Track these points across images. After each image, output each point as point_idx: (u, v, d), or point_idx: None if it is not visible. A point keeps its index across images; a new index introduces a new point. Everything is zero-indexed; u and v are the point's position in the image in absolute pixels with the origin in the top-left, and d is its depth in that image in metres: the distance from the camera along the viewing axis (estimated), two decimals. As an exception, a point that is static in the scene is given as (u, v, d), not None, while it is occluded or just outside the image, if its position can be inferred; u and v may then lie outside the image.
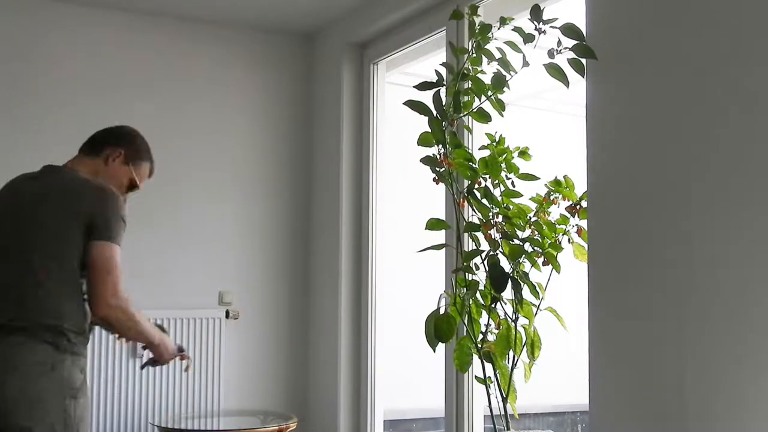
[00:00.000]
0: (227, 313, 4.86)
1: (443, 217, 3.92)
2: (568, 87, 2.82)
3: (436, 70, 3.06)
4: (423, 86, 3.04)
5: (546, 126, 6.63)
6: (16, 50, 4.60)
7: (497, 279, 2.93)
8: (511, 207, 3.02)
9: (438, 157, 3.04)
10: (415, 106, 2.99)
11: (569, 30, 2.78)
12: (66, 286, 2.79)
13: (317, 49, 5.22)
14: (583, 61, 2.82)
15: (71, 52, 4.72)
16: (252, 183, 5.10)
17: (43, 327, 2.71)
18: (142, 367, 3.25)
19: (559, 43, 2.81)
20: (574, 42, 2.79)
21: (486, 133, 3.09)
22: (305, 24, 5.08)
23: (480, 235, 3.04)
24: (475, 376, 3.26)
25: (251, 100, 5.15)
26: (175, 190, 4.92)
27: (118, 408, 4.52)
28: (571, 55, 2.80)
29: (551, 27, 2.83)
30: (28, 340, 2.69)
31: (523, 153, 3.08)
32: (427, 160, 3.05)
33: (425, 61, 4.70)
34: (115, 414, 4.51)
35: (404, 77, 5.20)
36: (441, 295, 3.17)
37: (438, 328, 2.97)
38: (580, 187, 3.00)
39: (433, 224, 3.12)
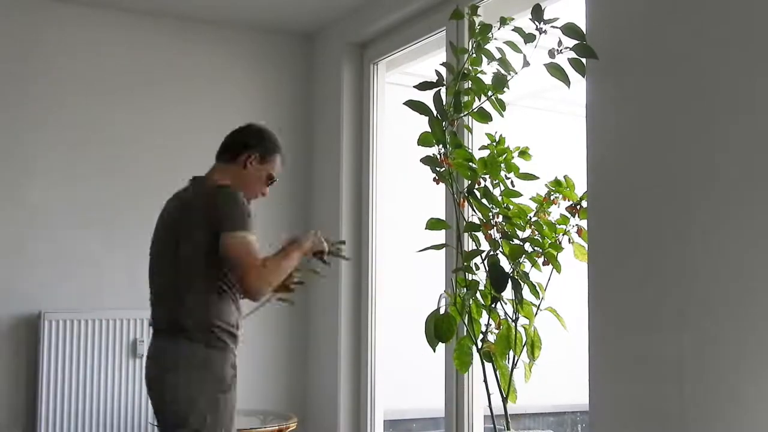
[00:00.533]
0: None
1: (443, 217, 3.92)
2: (569, 87, 2.82)
3: (436, 70, 3.05)
4: (423, 86, 3.04)
5: (546, 126, 6.63)
6: (15, 50, 4.60)
7: (497, 279, 2.92)
8: (511, 207, 3.02)
9: (438, 157, 3.04)
10: (416, 106, 2.99)
11: (570, 30, 2.78)
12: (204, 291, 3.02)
13: (317, 49, 5.22)
14: (584, 60, 2.82)
15: (71, 51, 4.72)
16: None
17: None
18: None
19: (560, 42, 2.80)
20: (575, 42, 2.79)
21: (486, 133, 3.09)
22: (305, 24, 5.08)
23: (480, 235, 3.04)
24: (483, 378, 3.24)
25: (251, 99, 5.15)
26: (174, 190, 4.91)
27: (118, 408, 4.52)
28: (572, 54, 2.80)
29: (552, 27, 2.83)
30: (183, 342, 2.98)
31: (523, 153, 3.08)
32: (427, 160, 3.05)
33: (425, 61, 4.70)
34: (115, 414, 4.51)
35: (404, 77, 5.21)
36: (441, 295, 3.17)
37: (438, 328, 2.97)
38: (581, 187, 3.00)
39: (433, 224, 3.12)
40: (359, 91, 4.86)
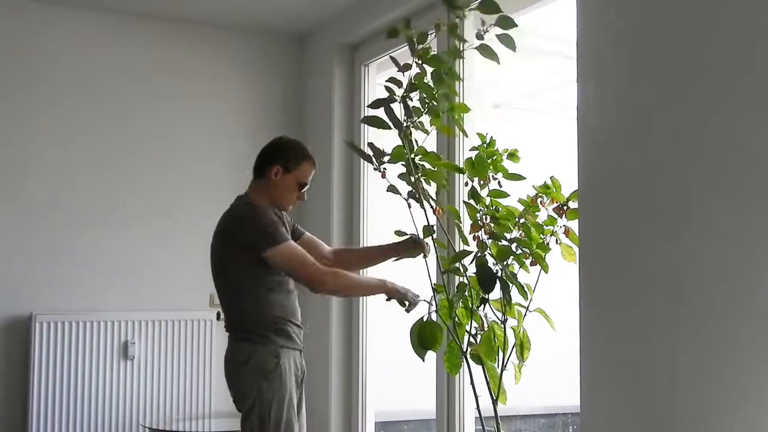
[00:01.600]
0: (218, 315, 4.81)
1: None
2: (499, 64, 2.90)
3: (385, 86, 3.06)
4: (375, 104, 3.07)
5: (536, 127, 6.64)
6: (9, 53, 4.61)
7: (485, 280, 2.93)
8: (499, 208, 3.02)
9: (410, 177, 3.05)
10: (372, 121, 3.07)
11: (486, 7, 2.81)
12: (241, 295, 3.37)
13: (308, 50, 5.22)
14: (510, 34, 2.83)
15: (64, 54, 4.73)
16: (243, 184, 5.05)
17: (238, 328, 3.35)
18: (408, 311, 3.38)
19: (483, 23, 2.86)
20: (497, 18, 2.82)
21: (477, 133, 3.09)
22: (296, 25, 5.08)
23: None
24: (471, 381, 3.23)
25: (243, 101, 5.15)
26: (165, 191, 4.92)
27: (108, 409, 4.52)
28: (499, 31, 2.84)
29: (471, 10, 2.95)
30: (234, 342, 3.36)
31: (512, 155, 3.08)
32: (404, 176, 3.09)
33: (415, 63, 4.69)
34: (106, 415, 4.51)
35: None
36: (431, 297, 3.16)
37: (422, 337, 2.96)
38: (568, 187, 3.00)
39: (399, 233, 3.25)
40: (350, 93, 4.86)
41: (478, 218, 3.01)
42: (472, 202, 3.04)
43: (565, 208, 2.99)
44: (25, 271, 4.55)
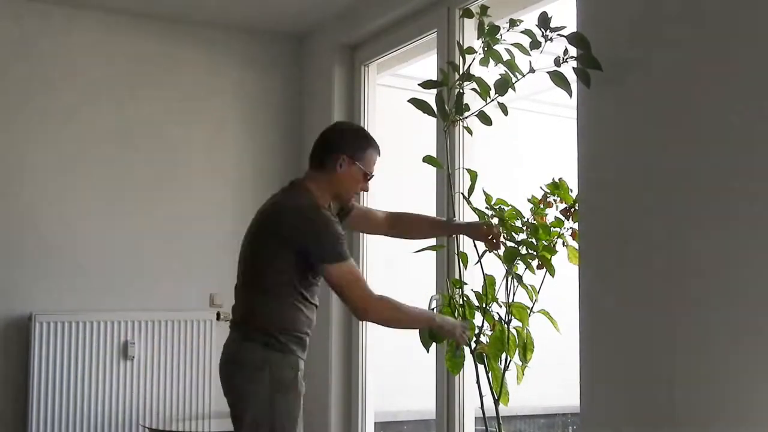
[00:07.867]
0: (218, 315, 4.84)
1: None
2: (571, 96, 2.81)
3: (441, 69, 3.02)
4: (427, 85, 3.01)
5: (537, 128, 6.64)
6: (9, 53, 4.60)
7: None
8: (505, 208, 3.02)
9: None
10: (420, 104, 2.96)
11: (576, 39, 2.75)
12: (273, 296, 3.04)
13: (308, 50, 5.22)
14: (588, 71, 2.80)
15: (60, 54, 4.72)
16: (242, 184, 5.09)
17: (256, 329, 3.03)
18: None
19: (566, 51, 2.79)
20: (580, 51, 2.76)
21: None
22: (296, 25, 5.08)
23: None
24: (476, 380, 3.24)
25: (242, 101, 5.15)
26: (165, 192, 4.91)
27: (108, 409, 4.51)
28: (575, 63, 2.79)
29: (558, 35, 2.81)
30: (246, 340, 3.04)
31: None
32: (428, 159, 3.05)
33: (415, 63, 4.71)
34: (106, 415, 4.50)
35: (395, 79, 5.21)
36: (432, 296, 3.17)
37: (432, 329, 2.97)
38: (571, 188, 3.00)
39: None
40: (350, 93, 4.85)
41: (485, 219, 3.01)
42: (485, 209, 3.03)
43: (572, 210, 2.99)
44: (24, 271, 4.54)
